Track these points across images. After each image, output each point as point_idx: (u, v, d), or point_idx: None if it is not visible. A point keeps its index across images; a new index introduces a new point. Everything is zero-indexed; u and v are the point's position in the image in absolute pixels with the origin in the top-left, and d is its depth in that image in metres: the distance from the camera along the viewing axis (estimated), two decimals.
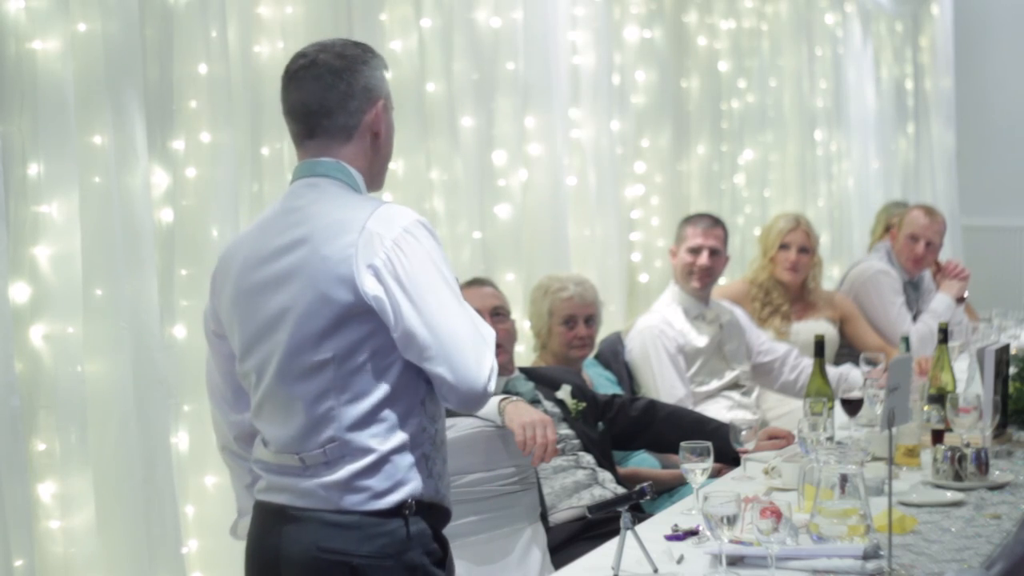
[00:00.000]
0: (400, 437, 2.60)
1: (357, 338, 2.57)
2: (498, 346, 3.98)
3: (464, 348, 2.53)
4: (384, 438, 2.59)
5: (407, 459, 2.61)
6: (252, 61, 3.87)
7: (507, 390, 4.01)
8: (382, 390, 2.59)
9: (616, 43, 5.89)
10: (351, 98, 2.64)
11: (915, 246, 6.11)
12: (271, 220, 2.70)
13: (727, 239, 5.26)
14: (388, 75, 2.74)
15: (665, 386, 4.99)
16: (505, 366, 4.03)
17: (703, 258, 5.12)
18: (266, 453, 2.70)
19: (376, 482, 2.59)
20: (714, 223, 5.22)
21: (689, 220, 5.28)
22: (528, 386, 4.11)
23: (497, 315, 4.06)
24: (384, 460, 2.59)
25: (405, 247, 2.54)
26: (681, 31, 6.50)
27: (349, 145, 2.66)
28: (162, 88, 3.55)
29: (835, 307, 5.86)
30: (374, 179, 2.74)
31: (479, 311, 3.89)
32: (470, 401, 2.56)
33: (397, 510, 2.60)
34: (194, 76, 3.62)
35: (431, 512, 2.67)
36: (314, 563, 2.60)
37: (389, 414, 2.59)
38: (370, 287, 2.53)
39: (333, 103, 2.64)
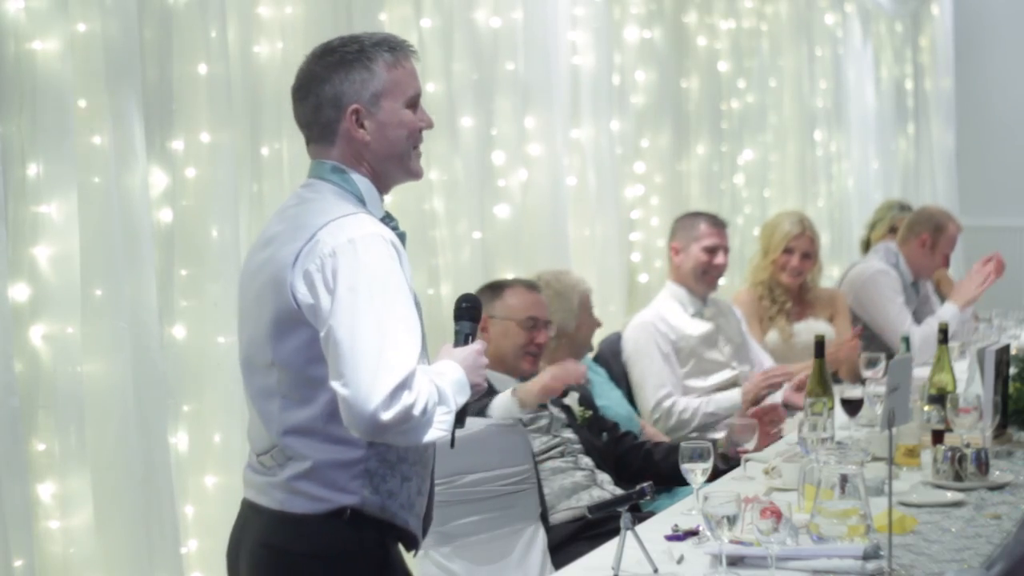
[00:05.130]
0: (337, 450, 2.55)
1: (299, 344, 2.54)
2: (530, 355, 4.05)
3: (360, 365, 2.42)
4: (320, 448, 2.55)
5: (345, 473, 2.56)
6: (252, 61, 3.87)
7: None
8: (324, 400, 2.53)
9: (616, 43, 5.89)
10: (320, 110, 2.64)
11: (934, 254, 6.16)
12: (273, 215, 2.75)
13: None
14: (389, 68, 2.65)
15: (653, 381, 4.97)
16: (527, 369, 4.10)
17: (720, 257, 5.11)
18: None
19: (313, 488, 2.57)
20: (722, 224, 5.23)
21: (699, 217, 5.23)
22: None
23: (535, 326, 4.08)
24: (319, 469, 2.56)
25: (341, 256, 2.49)
26: (681, 31, 6.50)
27: (335, 151, 2.66)
28: (161, 88, 3.55)
29: (833, 305, 5.85)
30: (387, 180, 2.71)
31: (522, 317, 4.03)
32: (359, 422, 2.42)
33: (336, 513, 2.57)
34: (193, 76, 3.62)
35: (378, 525, 2.62)
36: (257, 558, 2.64)
37: (329, 425, 2.54)
38: (301, 293, 2.51)
39: (308, 117, 2.67)
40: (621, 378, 5.07)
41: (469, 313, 2.74)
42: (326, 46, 2.69)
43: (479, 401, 3.64)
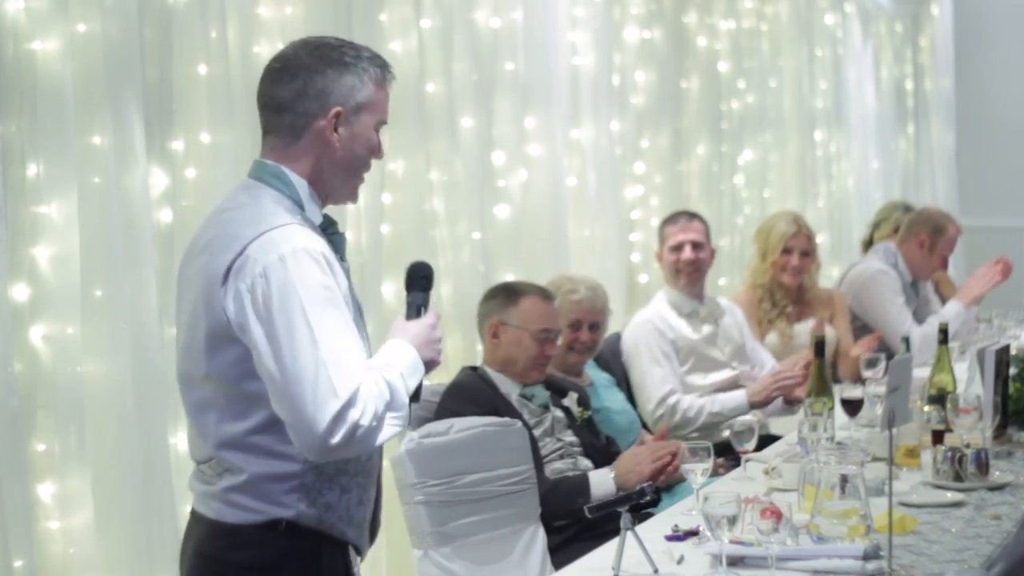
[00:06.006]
0: (273, 464, 2.53)
1: (232, 359, 2.50)
2: (541, 365, 4.06)
3: (302, 390, 2.39)
4: (256, 461, 2.53)
5: (281, 487, 2.53)
6: (252, 61, 3.86)
7: (523, 395, 4.07)
8: (260, 415, 2.50)
9: (616, 44, 5.89)
10: (303, 98, 2.55)
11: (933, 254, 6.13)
12: (210, 216, 2.67)
13: (709, 232, 5.28)
14: (376, 85, 2.60)
15: (653, 380, 4.97)
16: (536, 377, 4.12)
17: (686, 252, 5.13)
18: None
19: (247, 500, 2.55)
20: (691, 217, 5.26)
21: (667, 220, 5.32)
22: (545, 394, 4.12)
23: (547, 339, 4.09)
24: (255, 482, 2.53)
25: (272, 276, 2.43)
26: (681, 31, 6.50)
27: (296, 147, 2.57)
28: (161, 88, 3.55)
29: (832, 306, 5.85)
30: (329, 192, 2.63)
31: (536, 329, 4.05)
32: (310, 450, 2.42)
33: (271, 525, 2.55)
34: (193, 76, 3.62)
35: (315, 537, 2.59)
36: (193, 566, 2.64)
37: (265, 439, 2.51)
38: (232, 312, 2.46)
39: (284, 100, 2.56)
40: (622, 379, 5.07)
41: (422, 283, 2.65)
42: (322, 41, 2.61)
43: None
